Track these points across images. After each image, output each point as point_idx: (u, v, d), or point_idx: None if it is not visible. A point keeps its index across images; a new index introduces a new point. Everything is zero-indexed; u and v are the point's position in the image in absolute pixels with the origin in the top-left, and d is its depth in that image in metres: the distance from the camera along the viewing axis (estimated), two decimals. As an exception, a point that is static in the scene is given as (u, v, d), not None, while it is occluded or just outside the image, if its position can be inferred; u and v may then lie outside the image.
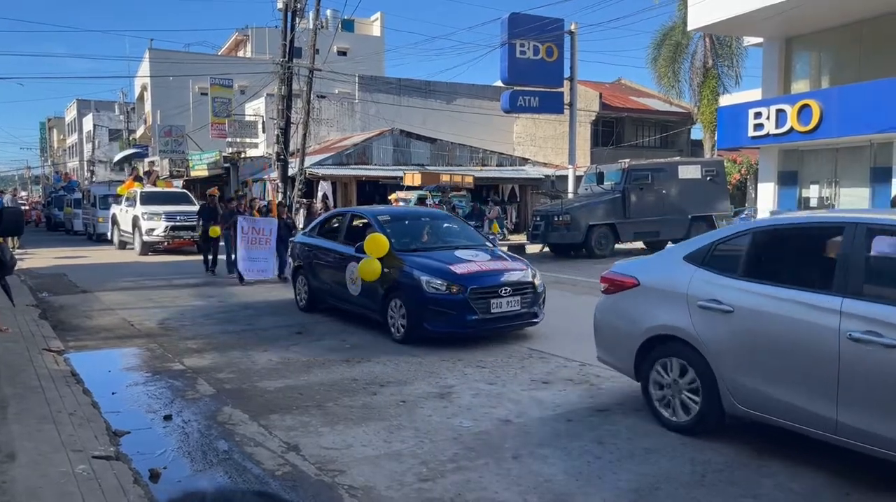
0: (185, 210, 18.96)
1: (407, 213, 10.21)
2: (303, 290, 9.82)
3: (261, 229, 12.61)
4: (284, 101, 22.03)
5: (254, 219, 13.06)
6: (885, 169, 17.69)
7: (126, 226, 19.95)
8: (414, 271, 7.55)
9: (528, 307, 7.68)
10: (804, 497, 3.79)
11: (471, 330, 7.36)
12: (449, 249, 8.20)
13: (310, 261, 9.61)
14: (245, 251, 12.47)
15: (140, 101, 51.49)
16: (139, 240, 18.74)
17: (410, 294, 7.50)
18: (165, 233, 18.49)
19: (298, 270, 9.99)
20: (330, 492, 3.90)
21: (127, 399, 5.76)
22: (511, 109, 22.59)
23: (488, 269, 7.66)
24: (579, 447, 4.55)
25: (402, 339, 7.58)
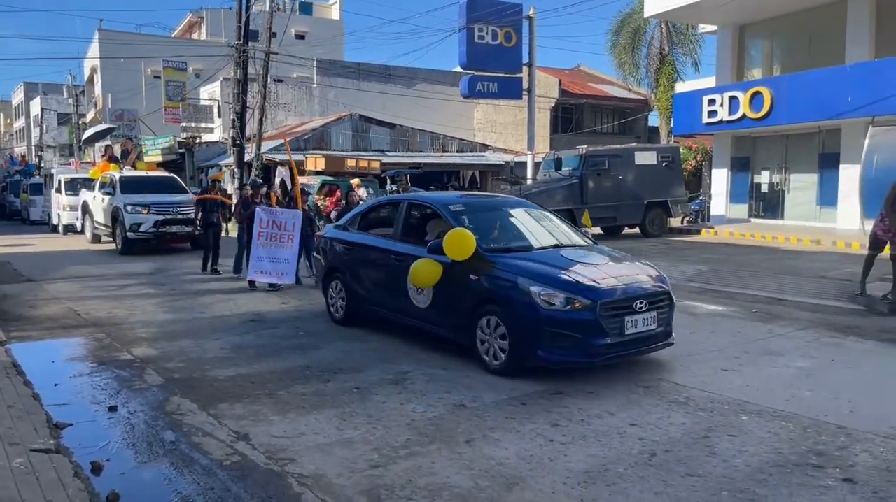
0: (178, 200, 15.76)
1: (482, 202, 7.70)
2: (338, 298, 7.88)
3: (283, 223, 10.28)
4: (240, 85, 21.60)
5: (275, 210, 10.63)
6: (833, 155, 18.19)
7: (101, 216, 16.73)
8: (518, 279, 5.71)
9: (664, 325, 5.94)
10: (746, 474, 3.87)
11: (601, 358, 5.57)
12: (547, 248, 6.49)
13: (350, 262, 7.76)
14: (262, 250, 10.20)
15: (90, 83, 49.94)
16: (121, 236, 15.38)
17: (515, 310, 5.66)
18: (155, 229, 15.21)
19: (332, 274, 8.01)
20: (279, 481, 3.84)
21: (70, 390, 5.58)
22: (470, 95, 22.54)
23: (616, 276, 5.89)
24: (532, 430, 4.57)
25: (502, 370, 5.72)
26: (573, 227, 7.44)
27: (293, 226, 10.32)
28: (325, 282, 8.19)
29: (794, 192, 19.31)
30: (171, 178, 18.05)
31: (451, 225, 6.47)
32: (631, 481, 3.79)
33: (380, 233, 7.67)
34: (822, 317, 8.04)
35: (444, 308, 6.37)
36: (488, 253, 6.17)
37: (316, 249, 8.67)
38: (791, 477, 3.82)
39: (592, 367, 5.72)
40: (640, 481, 3.79)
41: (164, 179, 17.83)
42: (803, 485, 3.72)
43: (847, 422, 4.64)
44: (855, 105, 15.90)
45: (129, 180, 16.56)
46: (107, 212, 16.16)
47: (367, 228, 7.92)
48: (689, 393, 5.28)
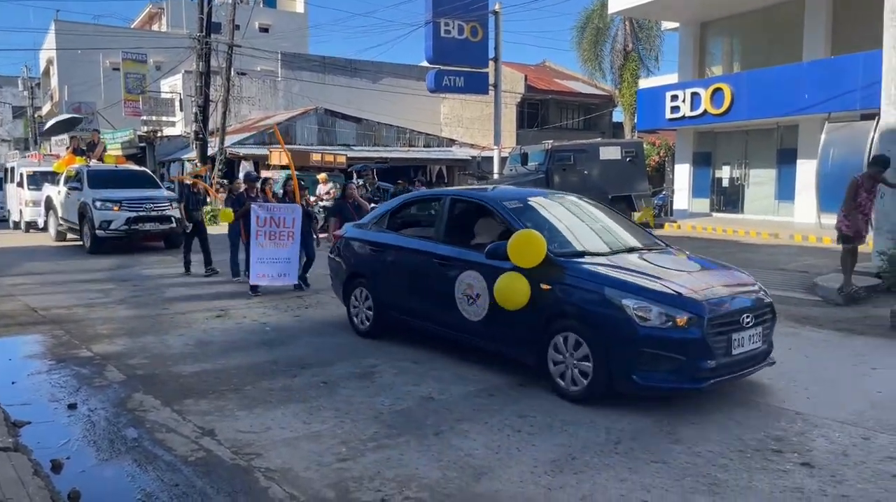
0: (152, 195, 14.80)
1: (535, 197, 6.39)
2: (364, 308, 6.97)
3: (281, 219, 9.42)
4: (202, 78, 21.27)
5: (272, 205, 9.75)
6: (791, 150, 18.62)
7: (67, 213, 15.60)
8: (606, 290, 4.86)
9: (766, 341, 5.17)
10: (707, 459, 3.96)
11: (706, 383, 4.69)
12: (623, 252, 5.67)
13: (378, 266, 6.82)
14: (262, 251, 9.32)
15: (46, 75, 48.57)
16: (89, 234, 14.24)
17: (603, 327, 4.80)
18: (127, 226, 14.14)
19: (355, 280, 7.10)
20: (246, 476, 3.80)
21: (28, 388, 5.44)
22: (436, 89, 22.52)
23: (716, 286, 5.09)
24: (500, 421, 4.60)
25: (583, 396, 4.88)
26: (634, 224, 6.63)
27: (293, 222, 9.47)
28: (346, 289, 7.22)
29: (754, 187, 19.74)
30: (144, 173, 17.15)
31: (512, 225, 5.55)
32: (597, 469, 3.85)
33: (415, 233, 6.90)
34: (779, 307, 8.17)
35: (504, 322, 5.42)
36: (560, 257, 5.28)
37: (332, 249, 7.69)
38: (751, 462, 3.91)
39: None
40: (606, 469, 3.85)
41: (135, 174, 16.80)
42: (763, 470, 3.81)
43: (804, 409, 4.78)
44: (812, 101, 16.31)
45: (98, 174, 15.32)
46: (73, 209, 14.98)
47: (398, 228, 7.05)
48: (653, 383, 5.36)
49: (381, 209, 7.43)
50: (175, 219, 14.25)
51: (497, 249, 5.37)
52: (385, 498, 3.52)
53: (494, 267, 5.39)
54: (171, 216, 14.40)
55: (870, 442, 4.20)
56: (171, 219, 14.40)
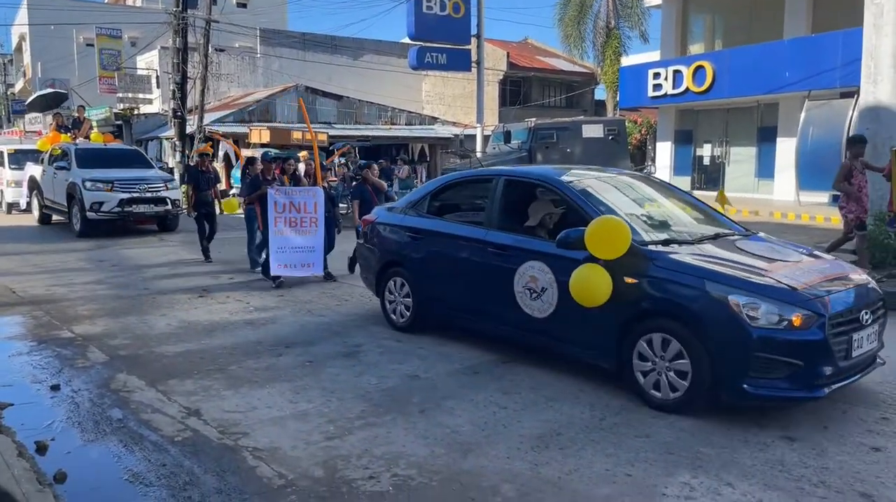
0: (145, 176, 13.99)
1: (599, 176, 5.82)
2: (401, 301, 6.37)
3: (301, 204, 8.55)
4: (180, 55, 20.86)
5: (290, 189, 8.90)
6: (771, 128, 18.74)
7: (54, 194, 14.62)
8: (707, 284, 4.23)
9: (879, 340, 4.60)
10: (690, 433, 4.03)
11: (824, 391, 4.13)
12: (710, 239, 5.01)
13: (419, 255, 6.17)
14: (282, 239, 8.49)
15: (18, 52, 47.44)
16: (79, 216, 13.42)
17: (706, 328, 4.19)
18: (120, 208, 13.31)
19: (391, 269, 6.48)
20: (233, 455, 3.80)
21: (9, 370, 5.37)
22: (419, 66, 22.29)
23: (828, 279, 4.50)
24: (485, 398, 4.64)
25: (678, 406, 4.29)
26: (706, 205, 5.99)
27: (314, 206, 8.59)
28: (379, 278, 6.63)
29: (734, 165, 19.88)
30: (135, 152, 16.38)
31: (585, 210, 4.94)
32: (583, 444, 3.90)
33: (460, 218, 6.28)
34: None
35: (576, 320, 4.80)
36: (646, 247, 4.64)
37: (361, 236, 7.14)
38: (733, 436, 3.98)
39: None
40: (591, 444, 3.90)
41: (127, 152, 16.00)
42: (745, 443, 3.89)
43: (784, 383, 4.85)
44: (792, 79, 16.41)
45: (87, 153, 14.43)
46: (60, 189, 14.06)
47: (439, 212, 6.40)
48: (636, 359, 5.41)
49: (420, 191, 6.76)
50: (170, 201, 13.76)
51: (571, 238, 4.71)
52: (373, 475, 3.54)
53: (565, 257, 4.79)
54: (167, 198, 13.79)
55: (848, 415, 4.30)
56: (166, 201, 13.78)
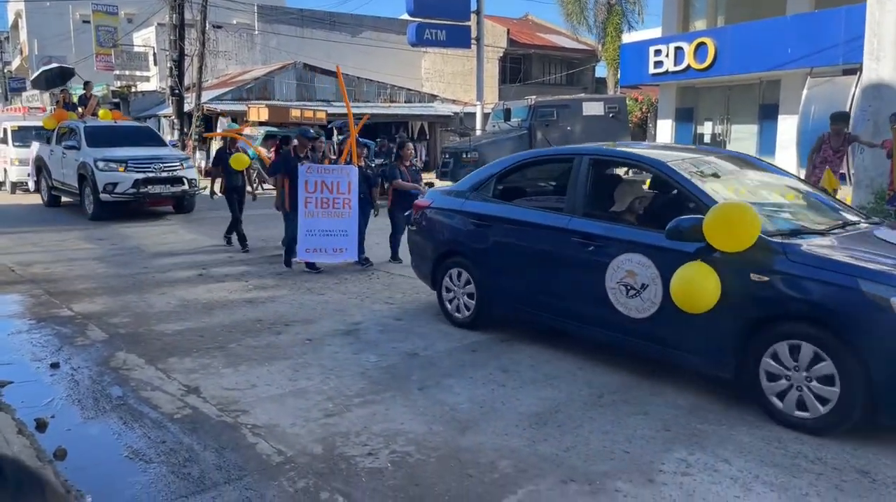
0: (159, 154, 13.20)
1: (704, 155, 5.32)
2: (463, 294, 5.73)
3: (334, 184, 7.91)
4: (177, 31, 20.68)
5: (322, 167, 8.18)
6: (772, 106, 18.61)
7: (63, 175, 13.86)
8: (859, 282, 3.59)
9: None
10: (688, 410, 4.04)
11: None
12: (840, 228, 4.44)
13: (485, 244, 5.51)
14: (312, 220, 7.86)
15: (14, 29, 47.00)
16: (91, 198, 12.70)
17: (861, 335, 3.58)
18: (135, 189, 12.57)
19: (449, 259, 5.85)
20: (232, 432, 3.82)
21: (8, 348, 5.39)
22: (418, 43, 22.08)
23: None
24: (484, 376, 4.65)
25: (821, 426, 3.70)
26: (819, 187, 5.73)
27: (348, 186, 7.93)
28: (435, 269, 5.99)
29: (735, 143, 19.75)
30: (147, 129, 15.52)
31: (695, 195, 4.33)
32: (580, 421, 3.91)
33: (535, 203, 5.70)
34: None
35: (685, 322, 4.14)
36: (777, 239, 3.99)
37: (411, 221, 6.40)
38: (730, 413, 4.00)
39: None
40: (589, 421, 3.91)
41: (139, 130, 15.12)
42: (741, 420, 3.90)
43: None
44: (794, 56, 16.24)
45: (97, 131, 13.65)
46: (70, 170, 13.34)
47: (507, 196, 5.75)
48: (635, 337, 5.42)
49: (483, 173, 5.95)
50: (187, 181, 13.08)
51: (683, 227, 4.03)
52: (372, 452, 3.56)
53: (672, 250, 4.16)
54: (183, 177, 13.05)
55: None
56: (183, 181, 13.04)
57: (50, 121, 15.09)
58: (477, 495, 3.15)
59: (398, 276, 7.80)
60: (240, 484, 3.25)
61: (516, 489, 3.19)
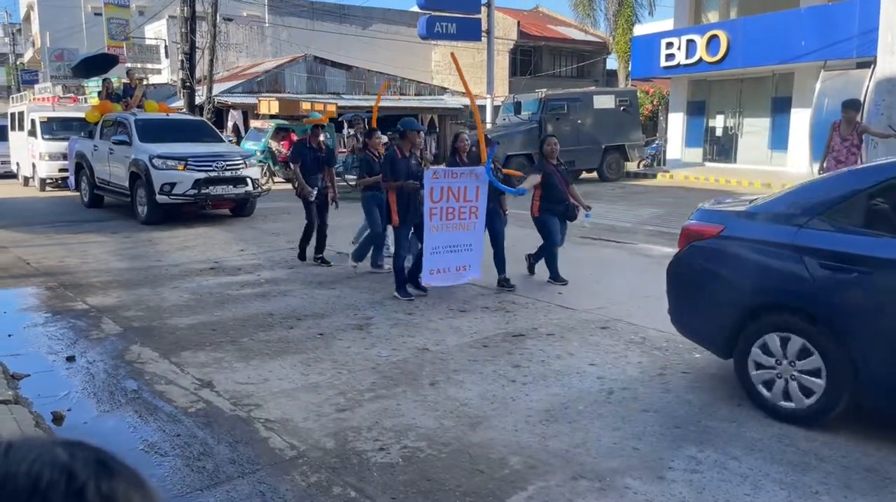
0: (220, 151, 11.90)
1: None
2: (791, 371, 3.82)
3: (461, 190, 6.49)
4: (188, 24, 20.69)
5: (450, 171, 6.68)
6: (785, 99, 18.47)
7: (110, 174, 12.62)
8: None
9: None
10: (698, 408, 4.05)
11: None
12: None
13: (852, 297, 3.66)
14: (435, 236, 6.45)
15: (27, 21, 47.20)
16: (146, 200, 11.36)
17: None
18: (196, 190, 11.16)
19: (766, 317, 3.98)
20: (245, 427, 3.87)
21: (25, 341, 5.47)
22: (428, 36, 22.03)
23: None
24: (494, 371, 4.68)
25: None
26: None
27: (476, 192, 6.56)
28: (737, 330, 4.06)
29: (747, 136, 19.64)
30: (202, 123, 13.95)
31: None
32: (590, 418, 3.93)
33: None
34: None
35: None
36: None
37: (678, 262, 4.54)
38: (740, 410, 4.01)
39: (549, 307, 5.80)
40: (599, 418, 3.93)
41: (192, 123, 13.70)
42: (751, 418, 3.91)
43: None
44: (808, 49, 16.10)
45: (150, 124, 12.32)
46: (120, 168, 12.08)
47: (875, 223, 3.78)
48: (645, 334, 5.45)
49: (833, 188, 4.04)
50: (250, 181, 11.83)
51: None
52: (383, 447, 3.60)
53: None
54: (247, 177, 11.77)
55: (855, 390, 4.30)
56: (246, 181, 11.74)
57: (93, 114, 13.89)
58: (488, 491, 3.18)
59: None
60: (253, 478, 3.30)
61: (526, 485, 3.22)
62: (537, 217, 7.09)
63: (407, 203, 6.52)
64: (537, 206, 7.06)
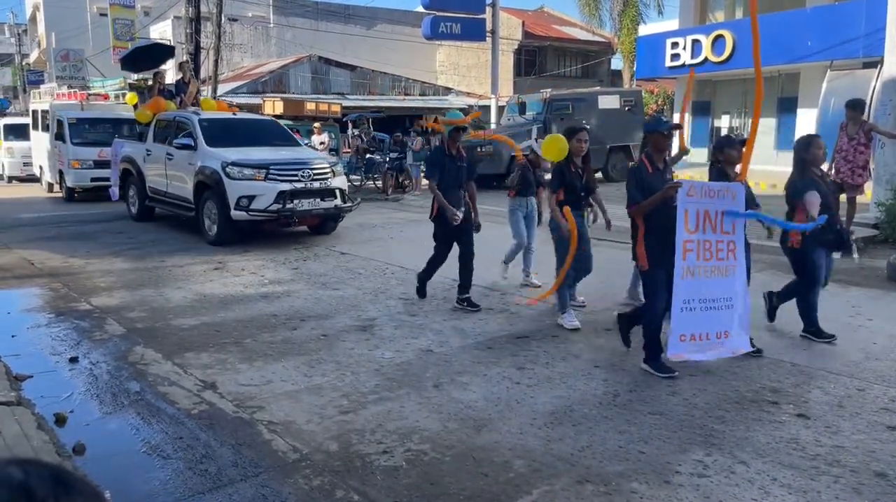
0: (303, 157, 9.97)
1: None
2: None
3: (717, 216, 4.61)
4: (193, 24, 20.73)
5: (707, 187, 4.76)
6: (791, 99, 18.38)
7: (166, 183, 10.82)
8: None
9: None
10: (705, 411, 4.01)
11: None
12: None
13: None
14: (690, 283, 4.47)
15: (32, 22, 47.36)
16: (217, 216, 9.46)
17: None
18: (279, 205, 9.20)
19: None
20: (248, 429, 3.84)
21: (28, 341, 5.46)
22: (433, 36, 22.04)
23: None
24: (498, 373, 4.64)
25: None
26: None
27: (733, 224, 4.68)
28: None
29: (754, 137, 19.55)
30: (272, 123, 11.95)
31: None
32: (596, 421, 3.90)
33: None
34: (776, 258, 8.20)
35: None
36: None
37: None
38: (747, 414, 3.97)
39: (553, 309, 5.76)
40: (604, 421, 3.90)
41: (262, 124, 11.69)
42: (759, 421, 3.87)
43: (801, 361, 4.83)
44: (814, 49, 16.02)
45: (216, 125, 10.52)
46: (181, 177, 10.33)
47: None
48: (650, 335, 5.39)
49: None
50: (339, 193, 9.87)
51: None
52: (387, 450, 3.57)
53: None
54: (336, 189, 9.85)
55: (865, 393, 4.26)
56: (335, 194, 9.80)
57: (144, 113, 12.07)
58: (492, 495, 3.15)
59: (412, 272, 7.77)
60: (256, 481, 3.27)
61: (531, 489, 3.19)
62: (800, 250, 5.38)
63: (664, 234, 4.48)
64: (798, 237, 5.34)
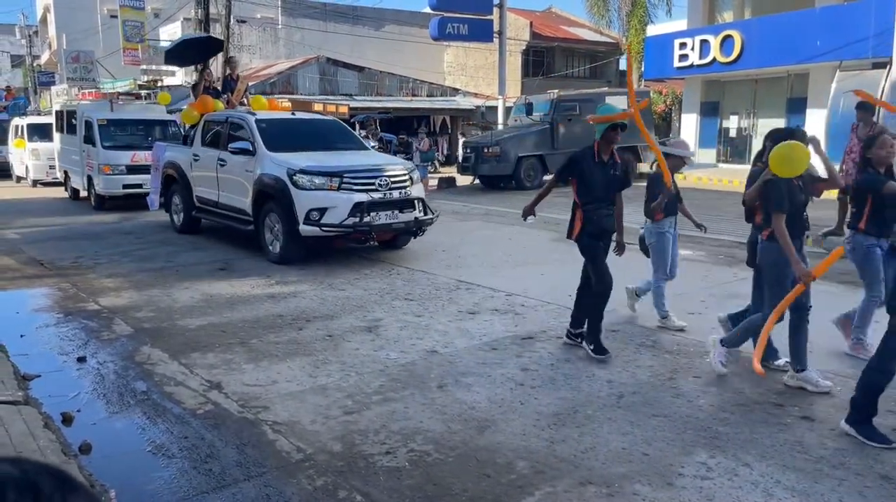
0: (379, 163, 8.77)
1: None
2: None
3: None
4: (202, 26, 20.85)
5: None
6: (801, 99, 18.28)
7: (218, 192, 9.50)
8: None
9: None
10: (709, 413, 4.00)
11: None
12: None
13: None
14: None
15: (43, 24, 47.71)
16: (281, 230, 8.25)
17: None
18: (356, 218, 7.92)
19: None
20: (253, 429, 3.86)
21: (37, 341, 5.51)
22: (440, 37, 22.07)
23: None
24: (503, 374, 4.65)
25: None
26: None
27: None
28: None
29: (762, 137, 19.45)
30: (335, 123, 10.52)
31: None
32: (599, 422, 3.90)
33: None
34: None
35: None
36: None
37: None
38: (752, 416, 3.96)
39: (558, 310, 5.76)
40: (608, 422, 3.90)
41: (326, 125, 10.29)
42: (763, 423, 3.86)
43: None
44: (823, 49, 15.93)
45: (275, 126, 9.22)
46: (237, 185, 9.04)
47: None
48: (656, 337, 5.40)
49: None
50: (418, 203, 8.54)
51: None
52: (390, 450, 3.58)
53: None
54: (415, 199, 8.54)
55: (870, 395, 4.23)
56: (414, 204, 8.49)
57: (190, 114, 10.96)
58: (494, 496, 3.16)
59: (418, 272, 7.81)
60: (259, 481, 3.29)
61: (534, 490, 3.19)
62: None
63: None
64: None
